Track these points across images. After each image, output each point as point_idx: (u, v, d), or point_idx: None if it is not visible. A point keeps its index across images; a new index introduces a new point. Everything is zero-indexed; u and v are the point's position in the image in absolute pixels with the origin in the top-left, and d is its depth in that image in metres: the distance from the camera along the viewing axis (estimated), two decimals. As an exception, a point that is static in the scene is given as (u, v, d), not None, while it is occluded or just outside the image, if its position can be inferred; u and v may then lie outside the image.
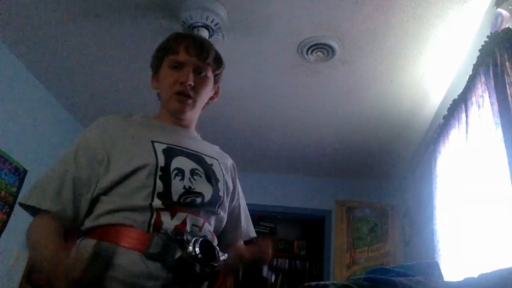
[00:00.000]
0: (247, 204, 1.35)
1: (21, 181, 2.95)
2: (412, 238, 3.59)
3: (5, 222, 2.80)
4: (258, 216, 4.89)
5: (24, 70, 2.98)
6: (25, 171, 2.98)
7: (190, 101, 1.18)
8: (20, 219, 2.89)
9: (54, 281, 0.83)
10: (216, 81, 1.27)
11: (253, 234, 1.33)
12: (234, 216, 1.27)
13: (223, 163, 1.24)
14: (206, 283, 1.06)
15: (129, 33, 2.55)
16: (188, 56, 1.17)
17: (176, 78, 1.16)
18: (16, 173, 2.90)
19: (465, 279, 0.95)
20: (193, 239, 0.97)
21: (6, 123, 2.83)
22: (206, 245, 0.99)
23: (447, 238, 2.30)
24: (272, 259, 1.06)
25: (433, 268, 1.08)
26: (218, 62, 1.26)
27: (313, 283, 0.97)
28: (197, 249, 0.96)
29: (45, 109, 3.28)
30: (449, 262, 2.20)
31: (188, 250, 0.95)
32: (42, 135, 3.20)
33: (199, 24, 2.27)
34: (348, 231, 4.23)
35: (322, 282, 0.95)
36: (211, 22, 2.28)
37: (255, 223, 1.37)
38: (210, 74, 1.23)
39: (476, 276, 0.93)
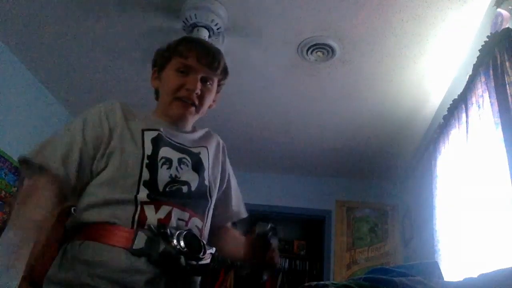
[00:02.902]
0: (248, 204, 1.36)
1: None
2: (412, 238, 3.59)
3: (5, 222, 2.80)
4: (258, 216, 4.89)
5: (24, 71, 2.98)
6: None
7: (193, 108, 1.16)
8: (20, 219, 2.89)
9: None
10: (218, 90, 1.26)
11: (244, 214, 1.34)
12: (224, 197, 1.27)
13: (211, 149, 1.23)
14: (199, 279, 1.05)
15: (130, 32, 2.55)
16: (198, 63, 1.15)
17: (183, 83, 1.14)
18: (16, 173, 2.90)
19: (465, 279, 0.95)
20: (177, 232, 0.96)
21: (6, 123, 2.83)
22: (190, 237, 0.98)
23: (447, 238, 2.30)
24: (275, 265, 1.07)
25: (433, 268, 1.08)
26: (225, 72, 1.25)
27: (313, 283, 0.97)
28: (181, 242, 0.95)
29: (46, 109, 3.28)
30: (449, 262, 2.21)
31: (172, 243, 0.94)
32: (42, 136, 3.19)
33: (199, 24, 2.27)
34: (348, 231, 4.23)
35: (322, 282, 0.95)
36: (211, 22, 2.28)
37: (255, 223, 1.37)
38: (215, 84, 1.21)
39: (476, 276, 0.93)
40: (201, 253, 0.98)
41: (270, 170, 4.43)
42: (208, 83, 1.18)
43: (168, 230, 0.96)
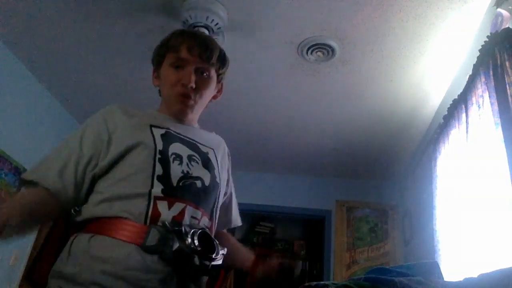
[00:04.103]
0: (248, 204, 1.36)
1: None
2: (412, 238, 3.59)
3: (5, 222, 2.80)
4: (258, 216, 4.89)
5: (24, 71, 2.98)
6: (25, 171, 2.98)
7: (191, 102, 1.15)
8: (20, 219, 2.89)
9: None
10: (219, 80, 1.24)
11: (239, 222, 1.34)
12: (225, 203, 1.26)
13: (219, 153, 1.23)
14: (206, 278, 1.04)
15: (129, 32, 2.55)
16: (190, 56, 1.14)
17: (178, 78, 1.13)
18: (16, 173, 2.90)
19: (465, 279, 0.95)
20: (192, 231, 0.95)
21: (6, 123, 2.83)
22: (205, 237, 0.97)
23: (447, 238, 2.30)
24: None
25: (433, 268, 1.08)
26: (223, 60, 1.22)
27: (313, 283, 0.96)
28: (195, 241, 0.93)
29: (46, 109, 3.28)
30: (449, 262, 2.20)
31: (186, 241, 0.92)
32: (42, 135, 3.20)
33: (199, 24, 2.27)
34: (348, 231, 4.23)
35: (322, 282, 0.95)
36: (211, 22, 2.28)
37: (255, 223, 1.37)
38: (213, 73, 1.19)
39: (476, 276, 0.93)
40: (214, 253, 0.97)
41: (270, 170, 4.42)
42: (204, 74, 1.16)
43: (183, 228, 0.94)
